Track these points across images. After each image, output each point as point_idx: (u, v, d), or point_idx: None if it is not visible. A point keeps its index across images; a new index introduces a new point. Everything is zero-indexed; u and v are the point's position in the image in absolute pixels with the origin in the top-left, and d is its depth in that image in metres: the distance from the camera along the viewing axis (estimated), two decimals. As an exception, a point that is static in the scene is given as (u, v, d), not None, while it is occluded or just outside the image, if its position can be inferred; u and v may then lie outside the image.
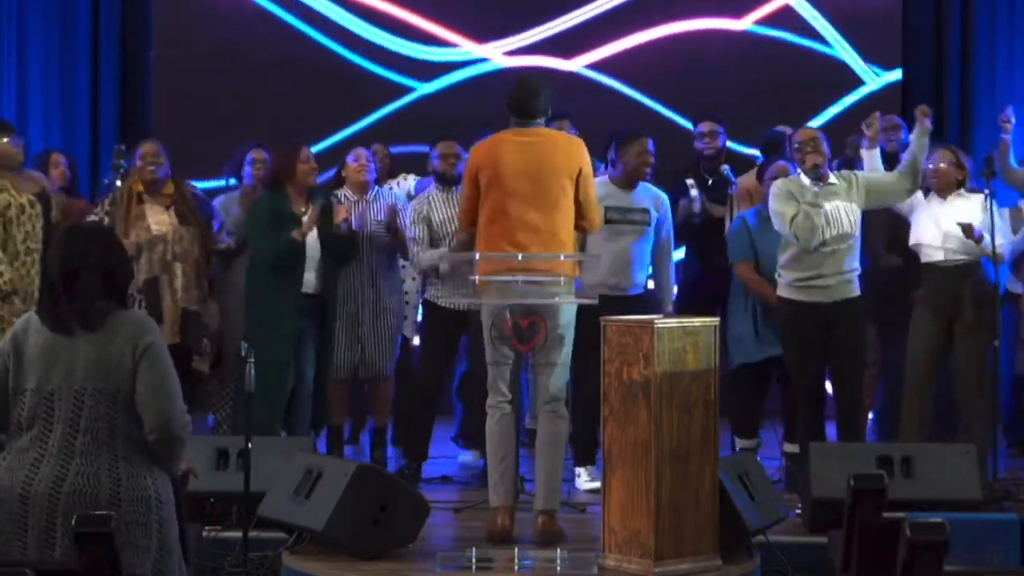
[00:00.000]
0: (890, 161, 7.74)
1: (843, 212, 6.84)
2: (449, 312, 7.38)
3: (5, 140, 7.03)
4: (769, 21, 10.09)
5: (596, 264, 6.91)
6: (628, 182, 7.18)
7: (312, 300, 7.10)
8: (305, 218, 7.02)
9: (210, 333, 7.11)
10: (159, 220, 7.01)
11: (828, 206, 6.80)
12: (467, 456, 7.73)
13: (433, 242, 7.38)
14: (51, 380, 3.91)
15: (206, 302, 7.12)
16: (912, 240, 7.28)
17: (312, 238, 7.05)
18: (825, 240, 6.80)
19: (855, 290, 6.91)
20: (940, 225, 7.17)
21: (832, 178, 6.88)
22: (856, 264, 6.91)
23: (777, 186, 6.95)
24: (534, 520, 5.75)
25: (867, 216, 7.05)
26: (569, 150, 5.90)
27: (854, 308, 6.89)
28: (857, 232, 6.88)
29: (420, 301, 7.75)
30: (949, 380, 7.33)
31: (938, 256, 7.17)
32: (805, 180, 6.86)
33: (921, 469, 6.21)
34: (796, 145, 6.98)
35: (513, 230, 5.75)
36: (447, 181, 7.43)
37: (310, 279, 7.08)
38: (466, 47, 10.14)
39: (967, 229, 7.01)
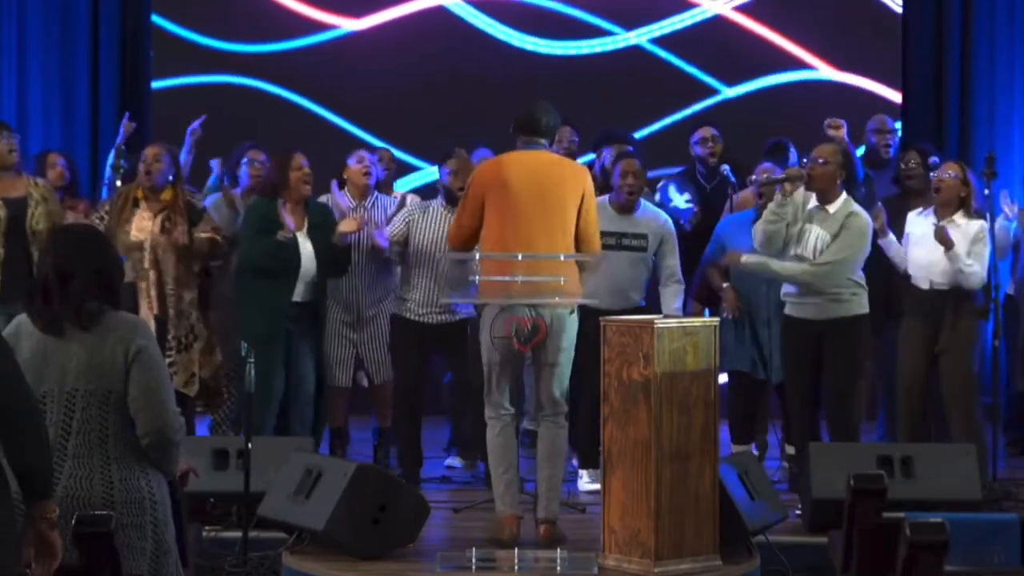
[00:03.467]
0: (875, 165, 7.77)
1: (813, 236, 6.81)
2: (418, 325, 7.32)
3: None
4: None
5: (597, 266, 6.92)
6: (622, 206, 7.16)
7: (303, 308, 7.08)
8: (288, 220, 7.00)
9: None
10: (142, 226, 6.90)
11: (807, 225, 6.82)
12: (454, 460, 7.71)
13: (403, 246, 7.30)
14: (43, 382, 3.89)
15: (183, 314, 6.96)
16: (906, 266, 7.16)
17: (308, 252, 7.03)
18: (792, 256, 6.81)
19: (852, 309, 6.83)
20: (924, 256, 7.05)
21: (834, 207, 6.81)
22: (840, 289, 6.79)
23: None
24: (536, 528, 5.75)
25: None
26: (575, 174, 5.93)
27: (848, 326, 6.82)
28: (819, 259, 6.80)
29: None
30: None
31: (923, 286, 7.07)
32: (781, 199, 6.85)
33: (921, 469, 6.20)
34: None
35: (520, 248, 5.72)
36: (455, 200, 7.06)
37: (299, 289, 7.05)
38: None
39: (941, 236, 6.89)
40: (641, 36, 10.02)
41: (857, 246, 6.83)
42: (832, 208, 6.83)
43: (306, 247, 7.02)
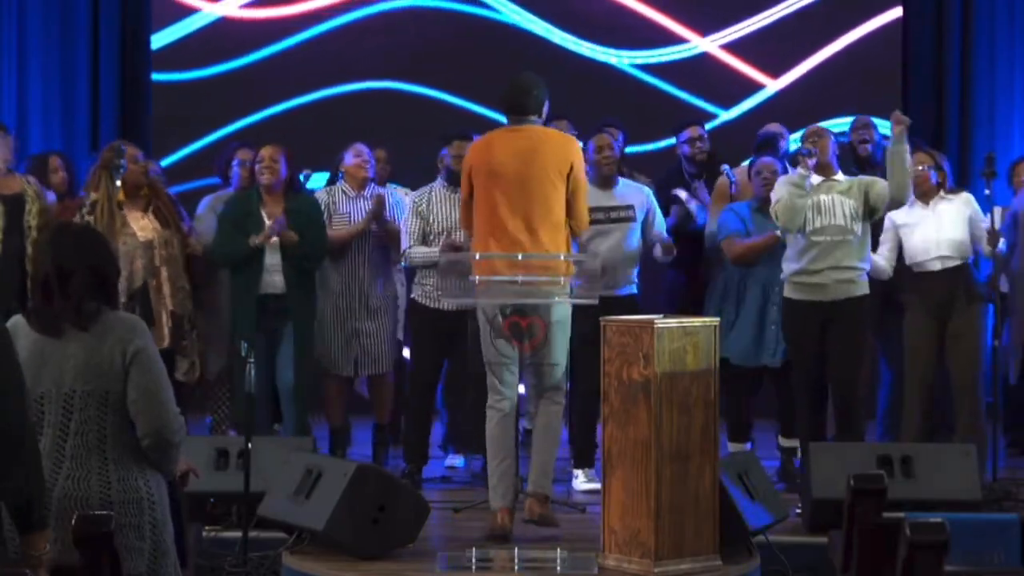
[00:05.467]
0: (862, 165, 7.73)
1: (839, 205, 6.82)
2: (436, 313, 7.34)
3: None
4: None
5: (596, 263, 6.92)
6: (602, 180, 7.17)
7: (278, 300, 7.11)
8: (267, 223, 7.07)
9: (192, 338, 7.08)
10: (142, 226, 6.95)
11: (824, 197, 6.82)
12: (455, 460, 7.69)
13: (426, 238, 7.32)
14: (41, 383, 3.88)
15: (186, 303, 7.04)
16: (907, 259, 7.23)
17: (274, 245, 7.08)
18: (815, 228, 6.79)
19: (857, 290, 6.86)
20: (929, 236, 7.16)
21: (839, 175, 6.93)
22: (858, 264, 6.85)
23: (780, 179, 6.98)
24: (524, 503, 5.75)
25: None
26: (561, 147, 5.89)
27: (854, 308, 6.84)
28: (857, 229, 6.82)
29: (407, 305, 7.69)
30: (947, 380, 7.31)
31: (935, 267, 7.17)
32: (804, 172, 6.85)
33: (921, 469, 6.20)
34: (803, 135, 7.04)
35: (504, 227, 5.75)
36: (455, 181, 7.10)
37: (278, 281, 7.09)
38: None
39: (993, 236, 7.07)
40: (632, 61, 10.05)
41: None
42: (839, 177, 6.92)
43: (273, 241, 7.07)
